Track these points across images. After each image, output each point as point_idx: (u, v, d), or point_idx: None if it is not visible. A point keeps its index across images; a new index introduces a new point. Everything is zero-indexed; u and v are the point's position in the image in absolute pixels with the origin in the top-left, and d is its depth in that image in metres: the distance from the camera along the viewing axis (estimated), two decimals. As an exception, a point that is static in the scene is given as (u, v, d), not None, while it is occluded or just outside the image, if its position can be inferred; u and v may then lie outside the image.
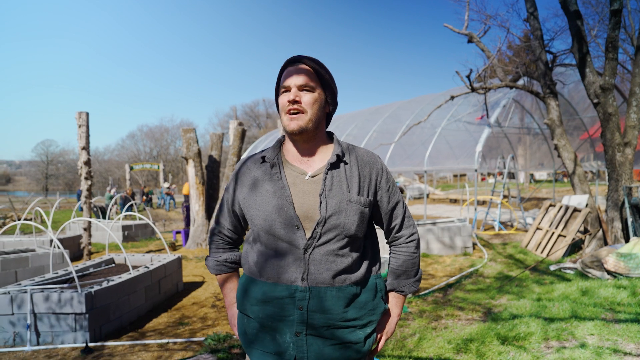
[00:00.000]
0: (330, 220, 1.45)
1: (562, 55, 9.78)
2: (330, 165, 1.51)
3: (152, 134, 58.34)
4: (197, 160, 10.26)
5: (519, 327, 4.18)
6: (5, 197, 32.96)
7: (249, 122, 58.06)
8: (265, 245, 1.49)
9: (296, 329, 1.44)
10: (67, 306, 4.32)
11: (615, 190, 7.49)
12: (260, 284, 1.49)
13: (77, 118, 8.65)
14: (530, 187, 31.15)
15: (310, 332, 1.45)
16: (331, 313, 1.45)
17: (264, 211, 1.48)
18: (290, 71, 1.50)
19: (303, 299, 1.44)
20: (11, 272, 6.63)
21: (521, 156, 18.86)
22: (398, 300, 1.68)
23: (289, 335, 1.45)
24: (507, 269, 7.30)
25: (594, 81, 7.59)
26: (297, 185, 1.50)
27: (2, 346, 4.30)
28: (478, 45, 10.39)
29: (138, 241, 11.78)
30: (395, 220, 1.64)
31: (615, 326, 4.13)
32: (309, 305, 1.44)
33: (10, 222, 7.93)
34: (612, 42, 7.27)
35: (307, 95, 1.48)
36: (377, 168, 1.58)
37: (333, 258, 1.46)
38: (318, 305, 1.44)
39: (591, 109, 14.60)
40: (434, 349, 3.90)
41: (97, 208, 15.34)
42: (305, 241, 1.45)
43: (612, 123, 7.43)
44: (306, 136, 1.51)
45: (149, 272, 5.53)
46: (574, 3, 7.62)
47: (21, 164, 76.47)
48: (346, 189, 1.49)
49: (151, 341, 4.39)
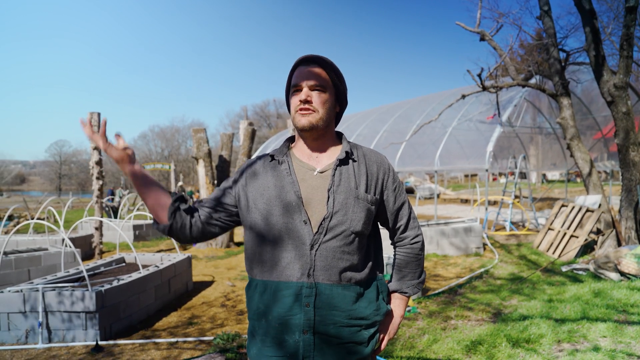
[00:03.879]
0: (337, 215, 1.46)
1: (575, 53, 9.64)
2: (339, 161, 1.52)
3: (164, 134, 58.74)
4: (208, 160, 10.31)
5: (530, 328, 4.13)
6: (19, 196, 33.48)
7: (260, 122, 58.18)
8: (272, 242, 1.48)
9: (303, 327, 1.43)
10: (77, 304, 4.37)
11: (629, 190, 7.37)
12: (269, 283, 1.49)
13: (89, 118, 8.74)
14: (542, 187, 30.81)
15: (317, 330, 1.44)
16: (338, 311, 1.45)
17: (273, 206, 1.48)
18: (301, 71, 1.52)
19: (309, 295, 1.43)
20: (24, 271, 6.72)
21: (533, 156, 18.65)
22: (401, 301, 1.67)
23: (298, 334, 1.44)
24: (518, 270, 7.22)
25: (608, 79, 7.47)
26: (306, 181, 1.51)
27: (15, 343, 4.36)
28: (490, 43, 10.28)
29: (149, 240, 11.88)
30: (401, 220, 1.64)
31: (628, 328, 4.06)
32: (316, 302, 1.43)
33: (24, 222, 8.03)
34: (627, 39, 7.15)
35: (318, 95, 1.50)
36: (385, 168, 1.60)
37: (340, 255, 1.46)
38: (325, 302, 1.44)
39: (605, 107, 14.37)
40: (443, 350, 3.86)
41: (108, 207, 15.51)
42: (312, 236, 1.45)
43: (626, 122, 7.31)
44: (316, 133, 1.53)
45: (158, 271, 5.57)
46: (588, 1, 7.51)
47: (35, 164, 77.63)
48: (354, 186, 1.50)
49: (161, 340, 4.42)
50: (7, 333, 4.41)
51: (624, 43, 7.21)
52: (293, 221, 1.46)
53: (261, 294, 1.50)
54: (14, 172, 63.23)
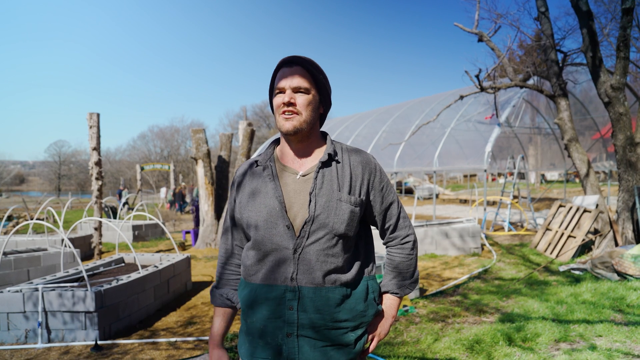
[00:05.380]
0: (318, 218, 1.45)
1: (573, 54, 9.67)
2: (322, 164, 1.51)
3: (163, 134, 58.64)
4: (207, 160, 10.33)
5: (527, 328, 4.16)
6: (19, 197, 33.46)
7: (259, 122, 58.10)
8: (259, 247, 1.49)
9: (287, 330, 1.44)
10: (77, 304, 4.38)
11: (627, 190, 7.40)
12: (256, 286, 1.50)
13: (88, 119, 8.75)
14: (541, 187, 30.86)
15: (301, 333, 1.44)
16: (322, 313, 1.44)
17: (257, 212, 1.49)
18: (284, 72, 1.50)
19: (293, 299, 1.43)
20: (24, 271, 6.73)
21: (532, 156, 18.70)
22: (393, 302, 1.65)
23: (281, 336, 1.44)
24: (516, 270, 7.25)
25: (605, 80, 7.50)
26: (288, 185, 1.51)
27: (15, 343, 4.38)
28: (488, 44, 10.31)
29: (148, 241, 11.90)
30: (390, 220, 1.62)
31: (625, 328, 4.08)
32: (299, 305, 1.43)
33: (23, 222, 8.03)
34: (624, 40, 7.19)
35: (301, 97, 1.48)
36: (371, 168, 1.57)
37: (323, 258, 1.45)
38: (308, 305, 1.44)
39: (603, 108, 14.38)
40: (442, 350, 3.89)
41: (108, 208, 15.52)
42: (295, 240, 1.45)
43: (623, 123, 7.35)
44: (300, 136, 1.52)
45: (158, 271, 5.59)
46: (585, 3, 7.54)
47: (34, 164, 77.53)
48: (337, 188, 1.49)
49: (160, 339, 4.44)
50: (7, 333, 4.42)
51: (620, 44, 7.25)
52: (276, 226, 1.46)
53: (247, 296, 1.52)
54: (13, 173, 63.12)
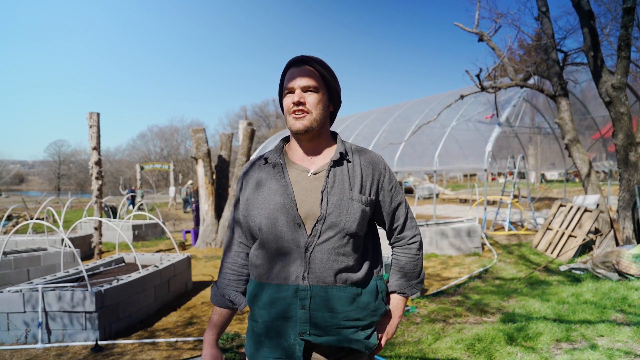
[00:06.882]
0: (330, 217, 1.45)
1: (573, 54, 9.66)
2: (334, 162, 1.51)
3: (163, 134, 58.65)
4: (207, 160, 10.32)
5: (528, 327, 4.15)
6: (18, 196, 33.45)
7: (259, 122, 58.14)
8: (269, 245, 1.49)
9: (300, 329, 1.43)
10: (77, 305, 4.38)
11: (627, 190, 7.39)
12: (266, 286, 1.49)
13: (88, 118, 8.74)
14: (541, 187, 30.85)
15: (313, 332, 1.44)
16: (334, 312, 1.44)
17: (267, 209, 1.48)
18: (293, 72, 1.51)
19: (305, 297, 1.43)
20: (23, 271, 6.72)
21: (532, 156, 18.69)
22: (400, 302, 1.66)
23: (293, 336, 1.44)
24: (517, 270, 7.24)
25: (606, 80, 7.49)
26: (299, 183, 1.50)
27: (15, 343, 4.37)
28: (488, 43, 10.30)
29: (148, 240, 11.89)
30: (398, 221, 1.63)
31: (626, 328, 4.08)
32: (312, 304, 1.43)
33: (23, 222, 8.03)
34: (625, 40, 7.17)
35: (311, 96, 1.49)
36: (380, 168, 1.58)
37: (334, 257, 1.45)
38: (321, 304, 1.44)
39: (603, 108, 14.38)
40: (443, 349, 3.88)
41: (108, 207, 15.51)
42: (306, 239, 1.44)
43: (624, 122, 7.33)
44: (311, 135, 1.52)
45: (158, 271, 5.58)
46: (587, 2, 7.53)
47: (34, 164, 77.55)
48: (348, 187, 1.49)
49: (160, 340, 4.43)
50: (7, 333, 4.42)
51: (621, 44, 7.23)
52: (287, 224, 1.45)
53: (258, 296, 1.51)
54: (12, 172, 63.10)
